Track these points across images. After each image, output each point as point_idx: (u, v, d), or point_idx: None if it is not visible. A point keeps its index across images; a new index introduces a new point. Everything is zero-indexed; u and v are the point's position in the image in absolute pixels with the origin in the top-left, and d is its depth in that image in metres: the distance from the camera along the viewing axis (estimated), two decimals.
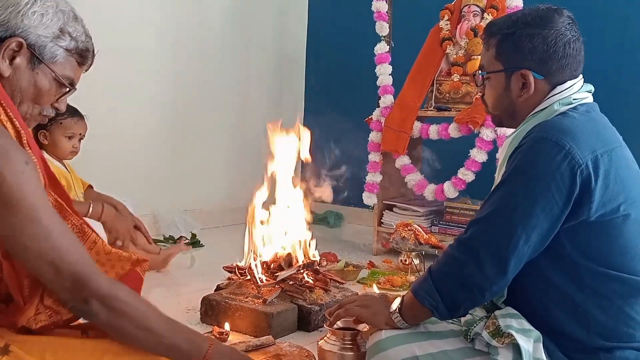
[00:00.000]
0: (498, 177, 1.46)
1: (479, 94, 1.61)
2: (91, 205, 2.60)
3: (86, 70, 1.37)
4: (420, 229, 3.04)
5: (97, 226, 2.59)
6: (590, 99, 1.49)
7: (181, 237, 3.40)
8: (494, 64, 1.51)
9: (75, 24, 1.30)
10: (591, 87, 1.50)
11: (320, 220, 4.24)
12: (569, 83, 1.46)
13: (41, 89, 1.27)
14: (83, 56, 1.32)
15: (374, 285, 2.57)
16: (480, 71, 1.56)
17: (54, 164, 2.68)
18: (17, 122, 1.19)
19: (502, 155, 1.51)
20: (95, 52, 1.36)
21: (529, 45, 1.44)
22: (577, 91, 1.46)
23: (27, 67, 1.24)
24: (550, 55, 1.44)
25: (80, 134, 2.74)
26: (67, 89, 1.31)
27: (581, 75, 1.50)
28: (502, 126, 1.66)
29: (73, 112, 2.72)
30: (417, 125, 3.29)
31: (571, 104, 1.45)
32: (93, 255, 1.27)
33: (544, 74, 1.46)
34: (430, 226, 3.39)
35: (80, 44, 1.30)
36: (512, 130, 1.52)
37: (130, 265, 1.31)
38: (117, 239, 2.36)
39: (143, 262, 1.33)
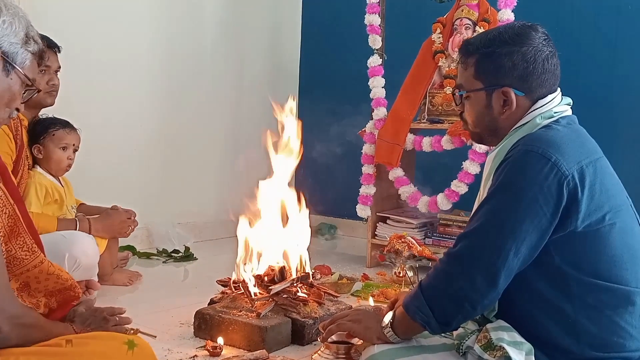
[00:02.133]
0: (483, 192, 1.48)
1: (459, 111, 1.62)
2: (77, 223, 2.61)
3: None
4: (414, 241, 3.05)
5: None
6: (569, 111, 1.52)
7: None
8: (473, 82, 1.52)
9: (32, 27, 1.36)
10: (570, 100, 1.53)
11: (313, 232, 4.24)
12: (549, 97, 1.48)
13: (14, 93, 1.32)
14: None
15: (370, 298, 2.57)
16: (458, 90, 1.57)
17: (47, 178, 2.68)
18: None
19: (487, 169, 1.52)
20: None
21: (509, 63, 1.46)
22: (557, 105, 1.49)
23: (2, 73, 1.29)
24: (530, 72, 1.46)
25: (74, 145, 2.74)
26: (34, 90, 1.37)
27: (559, 89, 1.52)
28: (482, 143, 1.67)
29: (65, 123, 2.73)
30: (410, 137, 3.30)
31: (552, 117, 1.47)
32: (35, 273, 1.35)
33: (525, 90, 1.48)
34: (424, 238, 3.39)
35: (40, 46, 1.37)
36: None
37: (61, 287, 1.42)
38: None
39: (74, 288, 1.45)
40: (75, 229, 2.59)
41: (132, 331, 1.60)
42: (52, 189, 2.68)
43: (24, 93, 1.35)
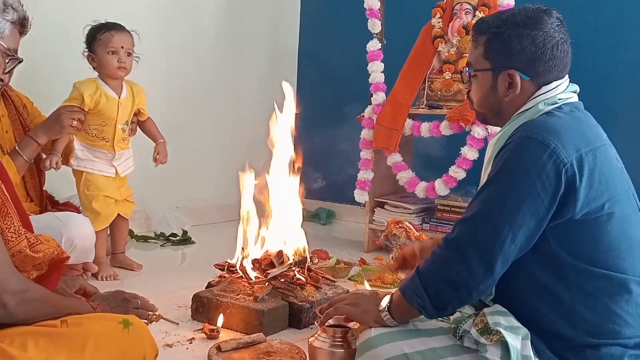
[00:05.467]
0: (484, 177, 1.48)
1: (466, 89, 1.62)
2: (18, 150, 2.43)
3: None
4: (412, 227, 3.05)
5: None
6: (575, 98, 1.51)
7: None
8: (481, 62, 1.52)
9: None
10: (576, 87, 1.52)
11: (311, 217, 4.24)
12: (554, 84, 1.47)
13: None
14: (23, 25, 1.34)
15: (366, 283, 2.58)
16: (467, 68, 1.57)
17: (107, 93, 2.68)
18: None
19: (488, 155, 1.52)
20: (30, 19, 1.36)
21: (517, 46, 1.45)
22: (562, 91, 1.48)
23: None
24: (538, 57, 1.45)
25: (123, 47, 2.67)
26: (17, 61, 1.33)
27: (567, 76, 1.51)
28: (487, 124, 1.68)
29: (111, 26, 2.69)
30: (409, 122, 3.29)
31: (556, 103, 1.46)
32: (20, 258, 1.31)
33: (531, 75, 1.47)
34: (422, 223, 3.40)
35: (21, 14, 1.32)
36: (499, 128, 1.53)
37: (47, 260, 1.38)
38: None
39: (60, 254, 1.41)
40: (23, 157, 2.44)
41: (154, 316, 1.60)
42: (95, 98, 2.63)
43: (7, 62, 1.32)
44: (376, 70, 3.44)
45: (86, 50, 2.70)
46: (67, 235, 2.41)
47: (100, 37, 2.64)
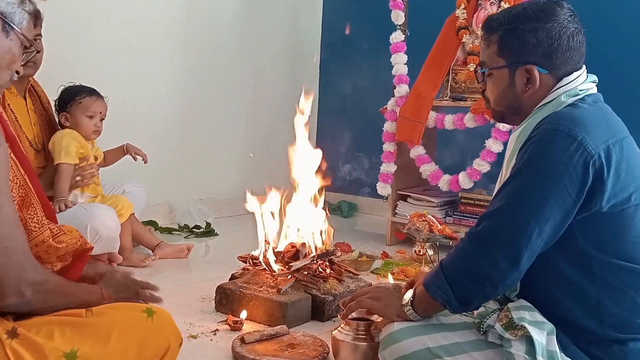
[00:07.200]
0: (506, 172, 1.45)
1: (480, 89, 1.59)
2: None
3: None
4: (435, 220, 3.03)
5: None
6: (595, 89, 1.48)
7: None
8: (496, 60, 1.49)
9: None
10: (595, 78, 1.49)
11: (333, 210, 4.24)
12: (574, 75, 1.45)
13: (15, 54, 1.31)
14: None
15: (389, 276, 2.57)
16: (481, 67, 1.54)
17: (78, 135, 2.70)
18: None
19: (510, 149, 1.49)
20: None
21: (533, 40, 1.43)
22: (582, 82, 1.45)
23: (2, 34, 1.28)
24: (555, 49, 1.43)
25: (100, 113, 2.74)
26: (34, 51, 1.37)
27: (584, 67, 1.48)
28: (504, 122, 1.64)
29: (91, 91, 2.73)
30: (432, 115, 3.27)
31: (578, 95, 1.44)
32: (44, 248, 1.33)
33: (549, 68, 1.44)
34: (445, 217, 3.37)
35: (35, 5, 1.36)
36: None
37: (70, 250, 1.39)
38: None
39: (83, 245, 1.42)
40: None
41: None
42: (83, 145, 2.71)
43: (22, 54, 1.34)
44: (399, 62, 3.42)
45: (57, 107, 2.72)
46: (92, 225, 2.45)
47: (80, 101, 2.69)
